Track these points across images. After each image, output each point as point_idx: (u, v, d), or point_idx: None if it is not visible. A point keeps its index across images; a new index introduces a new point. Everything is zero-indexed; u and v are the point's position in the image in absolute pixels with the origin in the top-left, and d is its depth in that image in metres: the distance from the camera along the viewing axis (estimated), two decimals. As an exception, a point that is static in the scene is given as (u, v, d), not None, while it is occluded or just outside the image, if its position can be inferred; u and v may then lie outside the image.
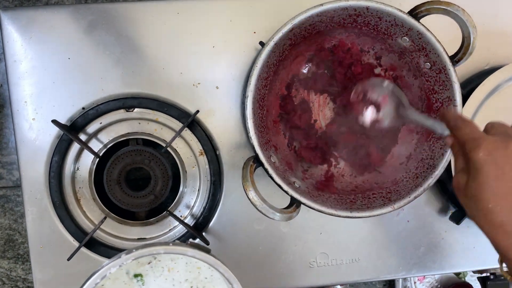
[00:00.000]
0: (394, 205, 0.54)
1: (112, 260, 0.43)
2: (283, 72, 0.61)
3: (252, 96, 0.52)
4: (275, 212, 0.50)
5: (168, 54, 0.63)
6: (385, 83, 0.58)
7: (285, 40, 0.54)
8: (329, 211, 0.53)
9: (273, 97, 0.61)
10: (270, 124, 0.61)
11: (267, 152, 0.55)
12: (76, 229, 0.63)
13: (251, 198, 0.49)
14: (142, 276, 0.46)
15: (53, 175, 0.62)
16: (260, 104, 0.56)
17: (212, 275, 0.47)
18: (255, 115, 0.53)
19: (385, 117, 0.58)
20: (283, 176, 0.55)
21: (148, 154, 0.64)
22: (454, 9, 0.51)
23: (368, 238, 0.68)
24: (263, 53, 0.52)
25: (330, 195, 0.58)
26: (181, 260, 0.46)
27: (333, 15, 0.54)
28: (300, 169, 0.62)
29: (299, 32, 0.54)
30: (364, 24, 0.56)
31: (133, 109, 0.63)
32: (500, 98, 0.64)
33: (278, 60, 0.57)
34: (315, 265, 0.67)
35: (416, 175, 0.57)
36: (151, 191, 0.65)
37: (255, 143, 0.52)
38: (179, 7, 0.62)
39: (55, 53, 0.61)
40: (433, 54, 0.54)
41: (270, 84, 0.59)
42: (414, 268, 0.69)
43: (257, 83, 0.53)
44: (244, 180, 0.50)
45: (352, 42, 0.61)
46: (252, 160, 0.53)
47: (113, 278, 0.45)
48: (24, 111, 0.61)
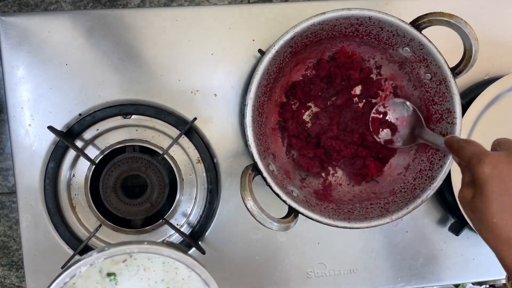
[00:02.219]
0: (392, 216, 0.53)
1: (83, 258, 0.42)
2: (283, 79, 0.61)
3: (252, 104, 0.52)
4: (273, 222, 0.49)
5: (166, 61, 0.62)
6: (407, 104, 0.59)
7: (286, 48, 0.53)
8: (326, 221, 0.53)
9: (272, 104, 0.61)
10: (269, 131, 0.61)
11: (266, 160, 0.54)
12: (71, 236, 0.62)
13: (249, 207, 0.49)
14: (115, 275, 0.45)
15: (49, 181, 0.61)
16: (259, 112, 0.56)
17: (190, 276, 0.46)
18: (254, 122, 0.53)
19: (400, 138, 0.59)
20: (281, 184, 0.54)
21: (145, 161, 0.64)
22: (457, 22, 0.51)
23: (366, 249, 0.67)
24: (264, 60, 0.52)
25: (328, 205, 0.58)
26: (158, 259, 0.45)
27: (335, 24, 0.53)
28: (298, 178, 0.62)
29: (300, 40, 0.54)
30: (365, 33, 0.56)
31: (130, 116, 0.63)
32: (500, 109, 0.64)
33: (279, 67, 0.57)
34: (313, 275, 0.67)
35: (414, 186, 0.56)
36: (147, 198, 0.64)
37: (254, 152, 0.52)
38: (178, 14, 0.62)
39: (52, 59, 0.61)
40: (434, 65, 0.54)
41: (270, 91, 0.58)
42: (413, 279, 0.68)
43: (257, 90, 0.52)
44: (242, 189, 0.49)
45: (353, 51, 0.61)
46: (251, 168, 0.52)
47: (85, 277, 0.44)
48: (21, 117, 0.61)
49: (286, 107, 0.62)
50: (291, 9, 0.64)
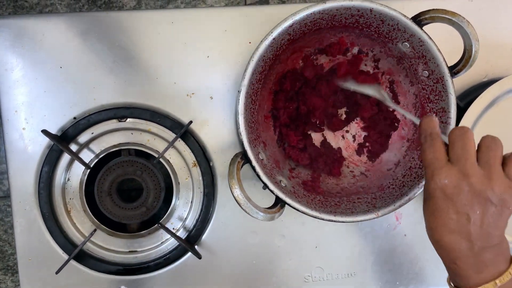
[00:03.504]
0: (378, 212, 0.53)
1: None
2: (279, 67, 0.60)
3: (245, 91, 0.51)
4: (258, 212, 0.49)
5: (161, 64, 0.62)
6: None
7: (284, 35, 0.53)
8: (312, 213, 0.52)
9: (266, 92, 0.60)
10: (261, 119, 0.60)
11: (256, 149, 0.54)
12: (66, 241, 0.61)
13: (236, 196, 0.48)
14: None
15: (43, 186, 0.61)
16: (253, 99, 0.55)
17: None
18: (246, 110, 0.52)
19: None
20: (270, 174, 0.54)
21: (140, 165, 0.63)
22: (459, 20, 0.50)
23: (364, 252, 0.66)
24: (261, 47, 0.51)
25: (316, 197, 0.57)
26: None
27: (335, 14, 0.53)
28: (287, 167, 0.61)
29: (299, 28, 0.53)
30: (365, 25, 0.55)
31: (125, 119, 0.62)
32: (499, 111, 0.64)
33: (275, 55, 0.56)
34: (310, 279, 0.66)
35: (403, 184, 0.56)
36: (143, 203, 0.63)
37: (245, 139, 0.51)
38: (173, 17, 0.61)
39: (47, 62, 0.60)
40: (432, 63, 0.53)
41: (265, 79, 0.57)
42: (411, 283, 0.68)
43: (251, 77, 0.51)
44: (230, 177, 0.49)
45: (352, 42, 0.60)
46: (240, 156, 0.52)
47: None
48: (15, 120, 0.60)
49: (279, 96, 0.61)
50: (288, 11, 0.63)
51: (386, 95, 0.58)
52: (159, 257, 0.64)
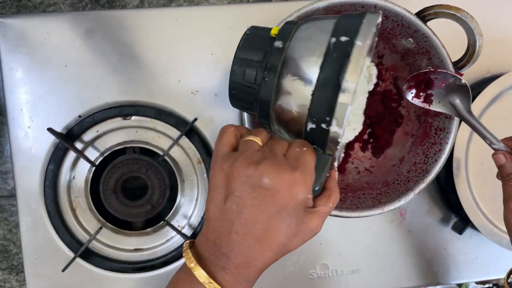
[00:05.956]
0: (383, 208, 0.53)
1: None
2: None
3: None
4: None
5: (166, 62, 0.62)
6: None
7: None
8: None
9: None
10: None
11: None
12: (71, 239, 0.62)
13: None
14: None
15: (49, 184, 0.61)
16: None
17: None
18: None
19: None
20: None
21: (145, 163, 0.63)
22: (463, 16, 0.50)
23: (369, 249, 0.67)
24: None
25: None
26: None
27: (339, 9, 0.53)
28: None
29: None
30: None
31: (130, 117, 0.62)
32: (501, 107, 0.64)
33: None
34: (315, 276, 0.66)
35: (408, 179, 0.56)
36: (148, 200, 0.64)
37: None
38: (177, 15, 0.62)
39: (51, 60, 0.60)
40: (436, 58, 0.53)
41: None
42: (416, 279, 0.68)
43: None
44: None
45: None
46: None
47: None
48: (20, 119, 0.60)
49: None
50: (291, 8, 0.63)
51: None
52: (165, 255, 0.64)
